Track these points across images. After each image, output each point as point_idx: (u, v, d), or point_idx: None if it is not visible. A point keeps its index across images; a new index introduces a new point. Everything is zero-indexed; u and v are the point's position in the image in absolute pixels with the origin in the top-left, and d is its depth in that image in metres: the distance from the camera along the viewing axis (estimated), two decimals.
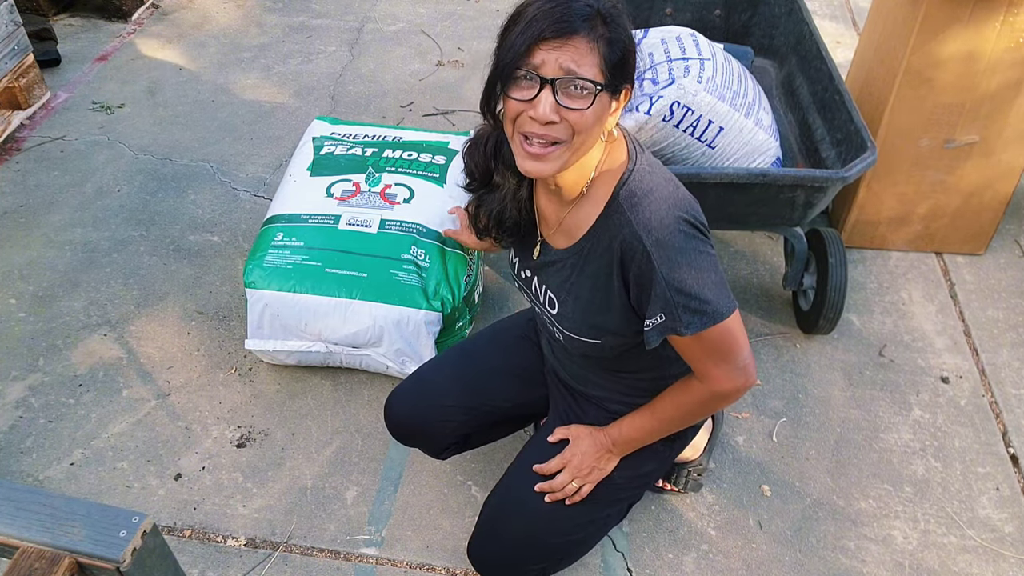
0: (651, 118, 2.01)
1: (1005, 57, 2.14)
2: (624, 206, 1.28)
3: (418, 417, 1.68)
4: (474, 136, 1.43)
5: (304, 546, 1.82)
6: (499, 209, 1.42)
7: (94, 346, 2.25)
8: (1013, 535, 1.88)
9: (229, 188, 2.78)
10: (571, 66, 1.14)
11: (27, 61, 3.00)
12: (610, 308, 1.37)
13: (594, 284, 1.37)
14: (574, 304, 1.41)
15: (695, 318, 1.27)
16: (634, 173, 1.30)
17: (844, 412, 2.12)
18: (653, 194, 1.28)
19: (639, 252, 1.26)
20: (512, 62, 1.15)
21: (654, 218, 1.26)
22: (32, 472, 1.96)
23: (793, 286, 2.28)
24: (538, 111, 1.16)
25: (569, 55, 1.14)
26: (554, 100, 1.15)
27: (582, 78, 1.15)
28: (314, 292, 2.00)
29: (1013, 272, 2.53)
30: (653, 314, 1.30)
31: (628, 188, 1.29)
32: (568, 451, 1.56)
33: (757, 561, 1.82)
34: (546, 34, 1.13)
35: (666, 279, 1.25)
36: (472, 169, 1.43)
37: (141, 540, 0.80)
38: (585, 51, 1.14)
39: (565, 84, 1.15)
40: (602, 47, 1.16)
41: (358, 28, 3.67)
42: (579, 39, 1.14)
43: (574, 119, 1.17)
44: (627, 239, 1.28)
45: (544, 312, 1.50)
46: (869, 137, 1.96)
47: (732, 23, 2.66)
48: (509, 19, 1.19)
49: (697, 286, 1.26)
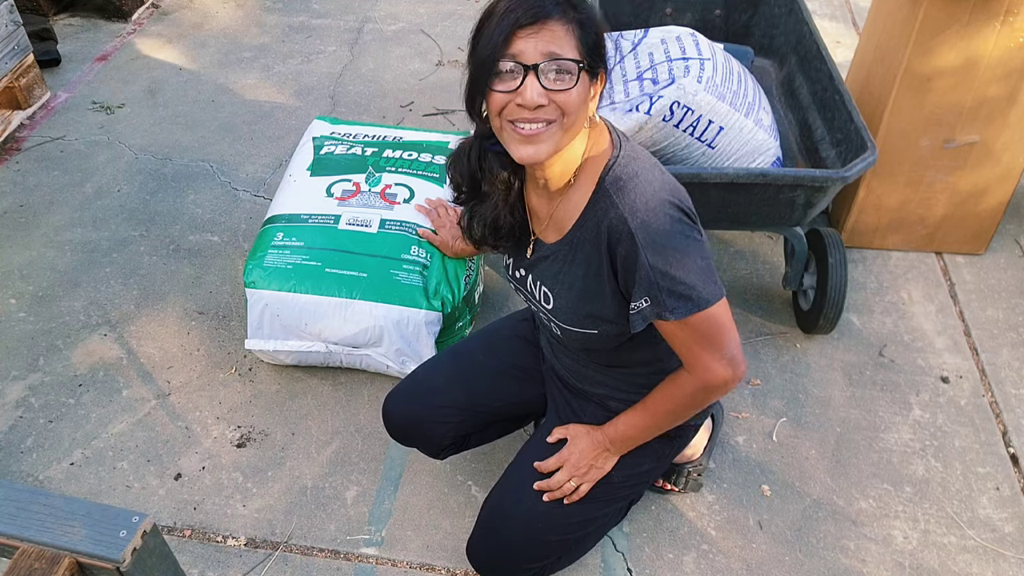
0: (651, 118, 2.01)
1: (1005, 57, 2.14)
2: (610, 190, 1.29)
3: (415, 418, 1.68)
4: (456, 149, 1.43)
5: (304, 546, 1.82)
6: (493, 216, 1.42)
7: (94, 346, 2.25)
8: (1013, 535, 1.88)
9: (229, 188, 2.78)
10: (552, 48, 1.16)
11: (27, 61, 3.00)
12: (602, 294, 1.37)
13: (585, 272, 1.37)
14: (567, 295, 1.41)
15: (680, 303, 1.27)
16: (619, 159, 1.31)
17: (844, 412, 2.12)
18: (638, 177, 1.29)
19: (624, 234, 1.27)
20: (492, 55, 1.17)
21: (639, 200, 1.27)
22: (32, 472, 1.96)
23: (793, 286, 2.28)
24: (526, 97, 1.17)
25: (547, 39, 1.16)
26: (540, 85, 1.17)
27: (564, 58, 1.17)
28: (314, 292, 2.00)
29: (1013, 272, 2.53)
30: (638, 298, 1.30)
31: (614, 173, 1.30)
32: (566, 450, 1.56)
33: (757, 561, 1.82)
34: (522, 21, 1.15)
35: (650, 262, 1.26)
36: (459, 181, 1.43)
37: (141, 540, 0.81)
38: (562, 33, 1.17)
39: (548, 68, 1.17)
40: (576, 29, 1.18)
41: (358, 28, 3.67)
42: (554, 22, 1.17)
43: (562, 100, 1.19)
44: (613, 222, 1.28)
45: (540, 309, 1.50)
46: (869, 137, 1.96)
47: (732, 23, 2.67)
48: (480, 19, 1.21)
49: (682, 270, 1.26)
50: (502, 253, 1.57)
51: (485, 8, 1.22)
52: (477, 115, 1.27)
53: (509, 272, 1.57)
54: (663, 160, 2.10)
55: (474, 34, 1.21)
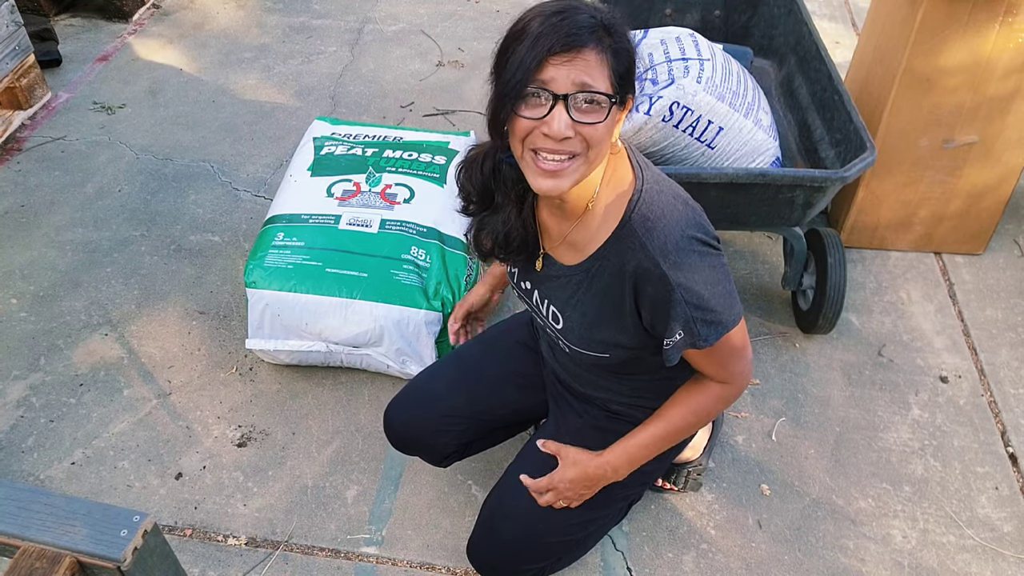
0: (651, 118, 2.02)
1: (1004, 57, 2.14)
2: (638, 231, 1.27)
3: (417, 428, 1.67)
4: (467, 158, 1.39)
5: (305, 545, 1.83)
6: (505, 231, 1.38)
7: (95, 346, 2.25)
8: (1012, 534, 1.88)
9: (230, 188, 2.78)
10: (584, 79, 1.12)
11: (28, 61, 3.00)
12: (621, 328, 1.37)
13: (602, 304, 1.36)
14: (580, 320, 1.40)
15: (711, 330, 1.29)
16: (643, 194, 1.28)
17: (843, 411, 2.13)
18: (666, 217, 1.27)
19: (655, 276, 1.26)
20: (523, 80, 1.12)
21: (669, 242, 1.25)
22: (33, 471, 1.96)
23: (792, 286, 2.28)
24: (552, 128, 1.13)
25: (580, 69, 1.11)
26: (568, 116, 1.13)
27: (596, 91, 1.12)
28: (315, 292, 2.01)
29: (1012, 272, 2.53)
30: (672, 332, 1.30)
31: (640, 212, 1.27)
32: (556, 475, 1.53)
33: (756, 560, 1.82)
34: (555, 49, 1.11)
35: (685, 299, 1.26)
36: (469, 191, 1.39)
37: (142, 539, 0.81)
38: (595, 63, 1.12)
39: (578, 99, 1.13)
40: (610, 58, 1.14)
41: (358, 28, 3.67)
42: (588, 51, 1.12)
43: (588, 133, 1.15)
44: (643, 264, 1.26)
45: (548, 326, 1.48)
46: (868, 137, 1.96)
47: (731, 24, 2.67)
48: (510, 35, 1.16)
49: (713, 300, 1.28)
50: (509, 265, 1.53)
51: (515, 24, 1.16)
52: (500, 135, 1.23)
53: (514, 280, 1.54)
54: (663, 160, 2.10)
55: (502, 51, 1.16)
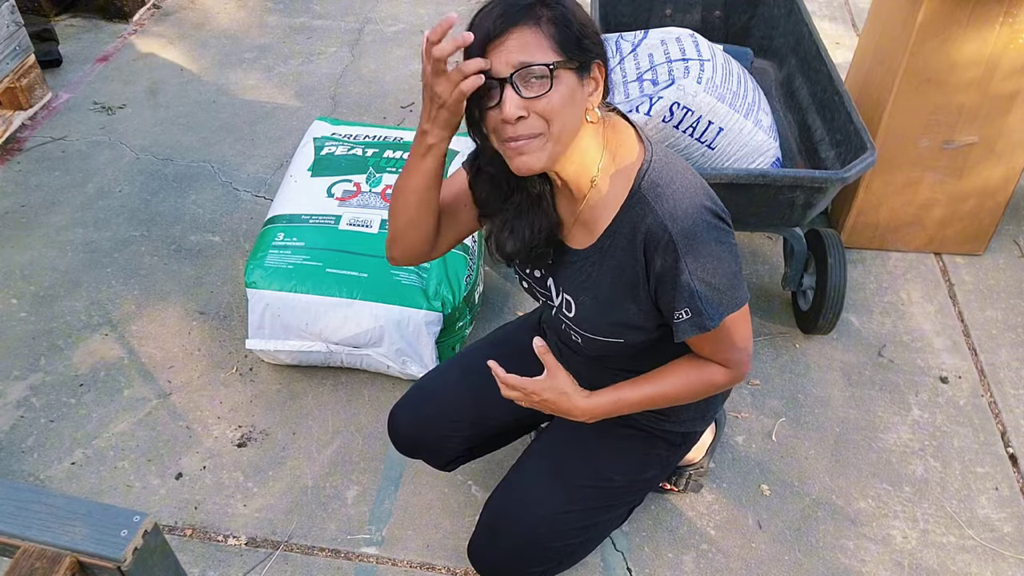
0: (651, 119, 2.02)
1: (1004, 58, 2.14)
2: (648, 196, 1.25)
3: (424, 432, 1.66)
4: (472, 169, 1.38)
5: (305, 545, 1.83)
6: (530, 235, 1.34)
7: (95, 346, 2.25)
8: (1012, 535, 1.88)
9: (230, 188, 2.78)
10: (520, 58, 1.12)
11: (28, 61, 3.00)
12: (632, 300, 1.33)
13: (614, 280, 1.33)
14: (592, 303, 1.37)
15: (717, 310, 1.27)
16: (652, 163, 1.27)
17: (843, 412, 2.13)
18: (676, 183, 1.25)
19: (663, 241, 1.23)
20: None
21: (679, 208, 1.23)
22: (33, 471, 1.96)
23: (792, 286, 2.28)
24: (505, 111, 1.14)
25: (514, 48, 1.13)
26: (518, 96, 1.13)
27: (532, 63, 1.12)
28: (315, 292, 2.01)
29: (1012, 272, 2.53)
30: (679, 307, 1.27)
31: (650, 178, 1.26)
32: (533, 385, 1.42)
33: (756, 560, 1.82)
34: (490, 36, 1.13)
35: (690, 270, 1.24)
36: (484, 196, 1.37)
37: (142, 539, 0.81)
38: (529, 38, 1.13)
39: (521, 77, 1.13)
40: (547, 28, 1.14)
41: (359, 29, 3.67)
42: (519, 29, 1.13)
43: (540, 107, 1.14)
44: (652, 228, 1.24)
45: (559, 314, 1.46)
46: (868, 138, 1.96)
47: (732, 24, 2.67)
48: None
49: (720, 277, 1.26)
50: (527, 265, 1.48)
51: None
52: (481, 136, 1.25)
53: (523, 270, 1.51)
54: None
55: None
